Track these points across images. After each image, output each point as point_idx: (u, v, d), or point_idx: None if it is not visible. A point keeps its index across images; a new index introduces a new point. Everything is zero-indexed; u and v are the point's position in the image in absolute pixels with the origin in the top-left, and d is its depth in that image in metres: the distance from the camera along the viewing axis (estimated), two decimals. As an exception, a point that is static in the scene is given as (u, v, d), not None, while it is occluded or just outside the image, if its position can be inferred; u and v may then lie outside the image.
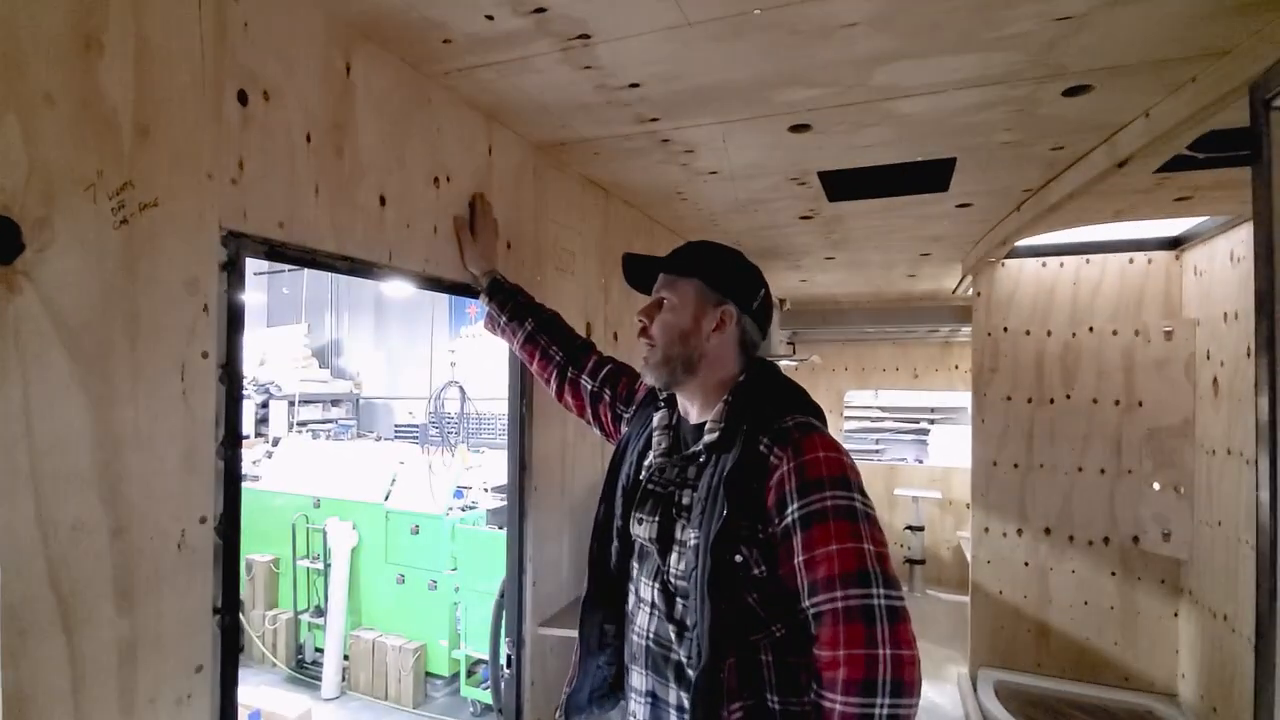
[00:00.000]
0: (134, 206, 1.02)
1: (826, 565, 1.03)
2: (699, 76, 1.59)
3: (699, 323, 1.26)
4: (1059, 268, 3.70)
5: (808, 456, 1.09)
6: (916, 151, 2.13)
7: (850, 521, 1.05)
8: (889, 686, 0.97)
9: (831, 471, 1.08)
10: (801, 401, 1.22)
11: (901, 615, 1.02)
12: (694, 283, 1.28)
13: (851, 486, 1.08)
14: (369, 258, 1.43)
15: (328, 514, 5.87)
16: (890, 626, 1.00)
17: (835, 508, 1.06)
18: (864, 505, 1.08)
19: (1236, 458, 2.84)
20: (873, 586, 1.02)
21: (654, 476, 1.28)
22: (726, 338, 1.26)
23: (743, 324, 1.28)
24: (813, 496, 1.07)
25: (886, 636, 0.99)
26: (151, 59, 1.04)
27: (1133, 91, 1.67)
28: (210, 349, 1.10)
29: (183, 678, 1.07)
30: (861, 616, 1.00)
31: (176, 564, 1.06)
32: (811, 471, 1.08)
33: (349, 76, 1.38)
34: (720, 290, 1.27)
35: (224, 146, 1.14)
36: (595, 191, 2.48)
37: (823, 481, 1.07)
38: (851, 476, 1.09)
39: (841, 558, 1.03)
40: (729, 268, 1.31)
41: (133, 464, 1.00)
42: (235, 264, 1.14)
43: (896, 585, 1.04)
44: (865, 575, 1.02)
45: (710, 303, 1.26)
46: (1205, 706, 3.08)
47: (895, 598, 1.03)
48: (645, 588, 1.26)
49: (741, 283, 1.29)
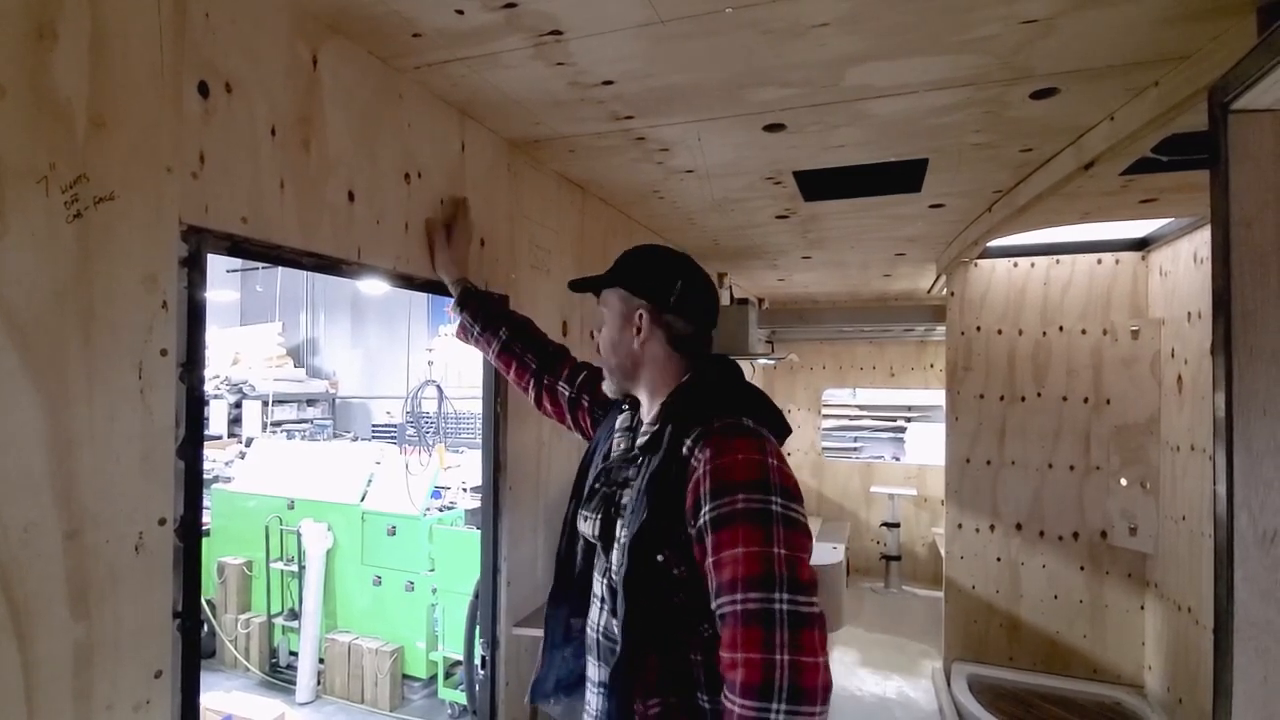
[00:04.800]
0: (88, 200, 0.99)
1: (731, 568, 1.03)
2: (672, 74, 1.59)
3: (624, 331, 1.26)
4: (1030, 268, 3.76)
5: (723, 459, 1.07)
6: (889, 152, 2.15)
7: (759, 525, 1.03)
8: (785, 692, 0.95)
9: (747, 475, 1.06)
10: (741, 402, 1.19)
11: (806, 621, 1.00)
12: (616, 291, 1.29)
13: (769, 489, 1.05)
14: (337, 254, 1.41)
15: (302, 515, 5.79)
16: (791, 632, 0.98)
17: (746, 511, 1.04)
18: (782, 509, 1.05)
19: (1200, 454, 2.91)
20: (775, 590, 1.00)
21: (600, 476, 1.30)
22: (655, 340, 1.25)
23: (663, 322, 1.25)
24: (725, 499, 1.05)
25: (785, 641, 0.98)
26: (108, 49, 1.01)
27: (1098, 95, 1.70)
28: (170, 346, 1.08)
29: (141, 684, 1.05)
30: (760, 621, 0.99)
31: (134, 567, 1.03)
32: (726, 474, 1.06)
33: (315, 69, 1.35)
34: (636, 293, 1.26)
35: (184, 139, 1.11)
36: (571, 190, 2.47)
37: (736, 484, 1.06)
38: (772, 479, 1.06)
39: (746, 561, 1.02)
40: (641, 268, 1.29)
41: (87, 464, 0.98)
42: (196, 260, 1.11)
43: (806, 590, 1.02)
44: (768, 579, 1.00)
45: (631, 309, 1.26)
46: (1171, 697, 3.15)
47: (801, 603, 1.00)
48: (597, 583, 1.29)
49: (654, 280, 1.26)
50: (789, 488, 1.08)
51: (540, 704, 1.39)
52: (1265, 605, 1.21)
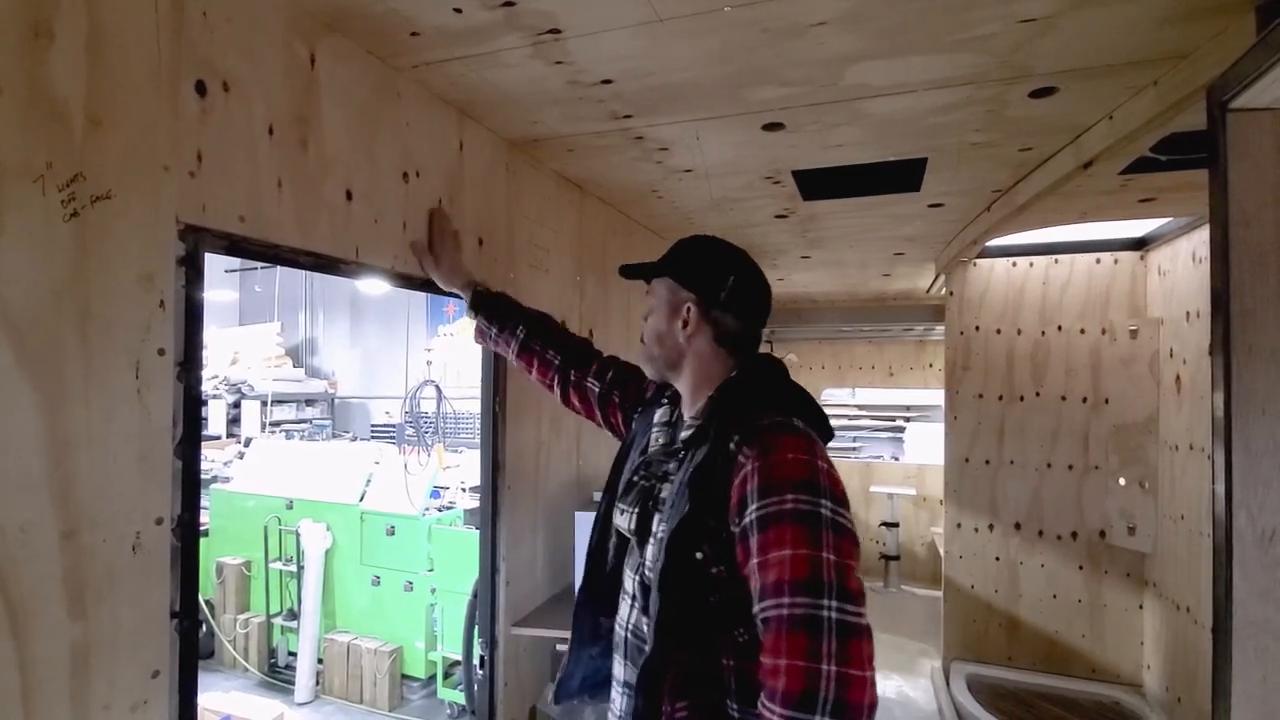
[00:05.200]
0: (85, 199, 0.99)
1: (778, 570, 0.98)
2: (671, 73, 1.58)
3: (671, 323, 1.23)
4: (1029, 268, 3.76)
5: (773, 456, 1.03)
6: (888, 151, 2.15)
7: (809, 527, 0.99)
8: (830, 705, 0.90)
9: (797, 474, 1.02)
10: (790, 401, 1.15)
11: (855, 631, 0.94)
12: (665, 281, 1.26)
13: (819, 491, 1.01)
14: (335, 253, 1.40)
15: (301, 515, 5.78)
16: (839, 641, 0.93)
17: (795, 511, 1.00)
18: (832, 513, 1.00)
19: (1198, 453, 2.90)
20: (824, 597, 0.94)
21: (639, 469, 1.27)
22: (701, 335, 1.21)
23: (712, 317, 1.21)
24: (773, 498, 1.01)
25: (833, 651, 0.92)
26: (104, 48, 1.01)
27: (1097, 94, 1.70)
28: (167, 346, 1.08)
29: (139, 683, 1.05)
30: (806, 627, 0.94)
31: (131, 566, 1.03)
32: (775, 473, 1.02)
33: (313, 68, 1.35)
34: (686, 285, 1.23)
35: (181, 138, 1.11)
36: (570, 189, 2.47)
37: (785, 483, 1.01)
38: (822, 481, 1.02)
39: (794, 563, 0.97)
40: (693, 260, 1.26)
41: (84, 464, 0.98)
42: (193, 259, 1.11)
43: (855, 600, 0.96)
44: (817, 584, 0.95)
45: (679, 301, 1.23)
46: (1170, 697, 3.15)
47: (851, 612, 0.95)
48: (628, 579, 1.25)
49: (705, 274, 1.22)
50: (838, 493, 1.03)
51: (565, 704, 1.35)
52: (1264, 604, 1.21)
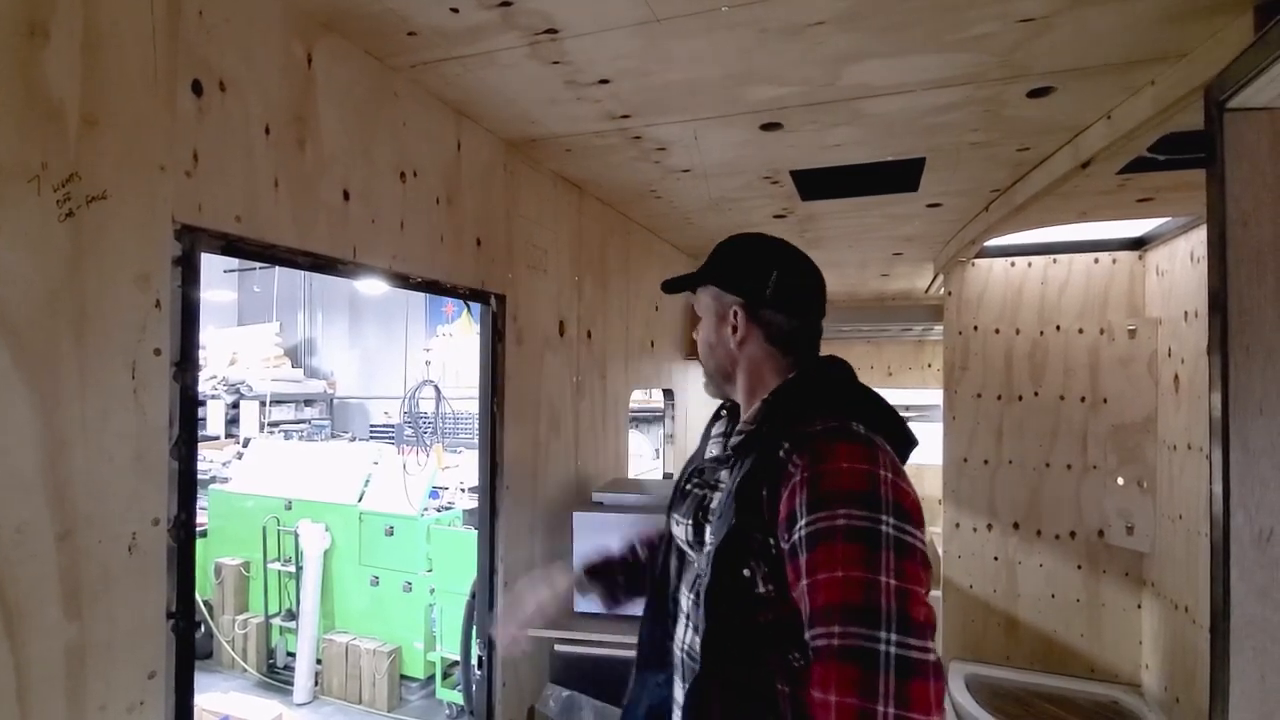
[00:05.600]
0: (80, 199, 0.99)
1: (827, 594, 0.87)
2: (669, 73, 1.58)
3: (720, 331, 1.16)
4: (1027, 267, 3.75)
5: (825, 466, 0.92)
6: (886, 151, 2.15)
7: (865, 546, 0.87)
8: None
9: (852, 485, 0.91)
10: (850, 404, 1.04)
11: (919, 670, 0.82)
12: (709, 289, 1.19)
13: (879, 506, 0.89)
14: (332, 253, 1.40)
15: (299, 516, 5.79)
16: (899, 680, 0.81)
17: (849, 529, 0.88)
18: (895, 530, 0.88)
19: (1196, 453, 2.90)
20: (881, 629, 0.83)
21: (691, 476, 1.21)
22: (753, 338, 1.13)
23: (761, 318, 1.13)
24: (824, 513, 0.90)
25: (891, 691, 0.81)
26: (100, 47, 1.01)
27: (1095, 93, 1.70)
28: (163, 346, 1.07)
29: (135, 684, 1.04)
30: (860, 661, 0.83)
31: (127, 567, 1.03)
32: (826, 484, 0.91)
33: (310, 68, 1.35)
34: (729, 289, 1.15)
35: (177, 138, 1.11)
36: (568, 189, 2.47)
37: (838, 496, 0.90)
38: (884, 493, 0.90)
39: (845, 587, 0.86)
40: (733, 261, 1.18)
41: (80, 464, 0.97)
42: (189, 259, 1.11)
43: (920, 632, 0.84)
44: (873, 613, 0.84)
45: (725, 306, 1.15)
46: (1168, 697, 3.15)
47: (914, 647, 0.83)
48: (684, 597, 1.18)
49: (746, 273, 1.14)
50: (905, 507, 0.91)
51: None
52: (1262, 604, 1.21)
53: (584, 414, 2.61)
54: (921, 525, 0.92)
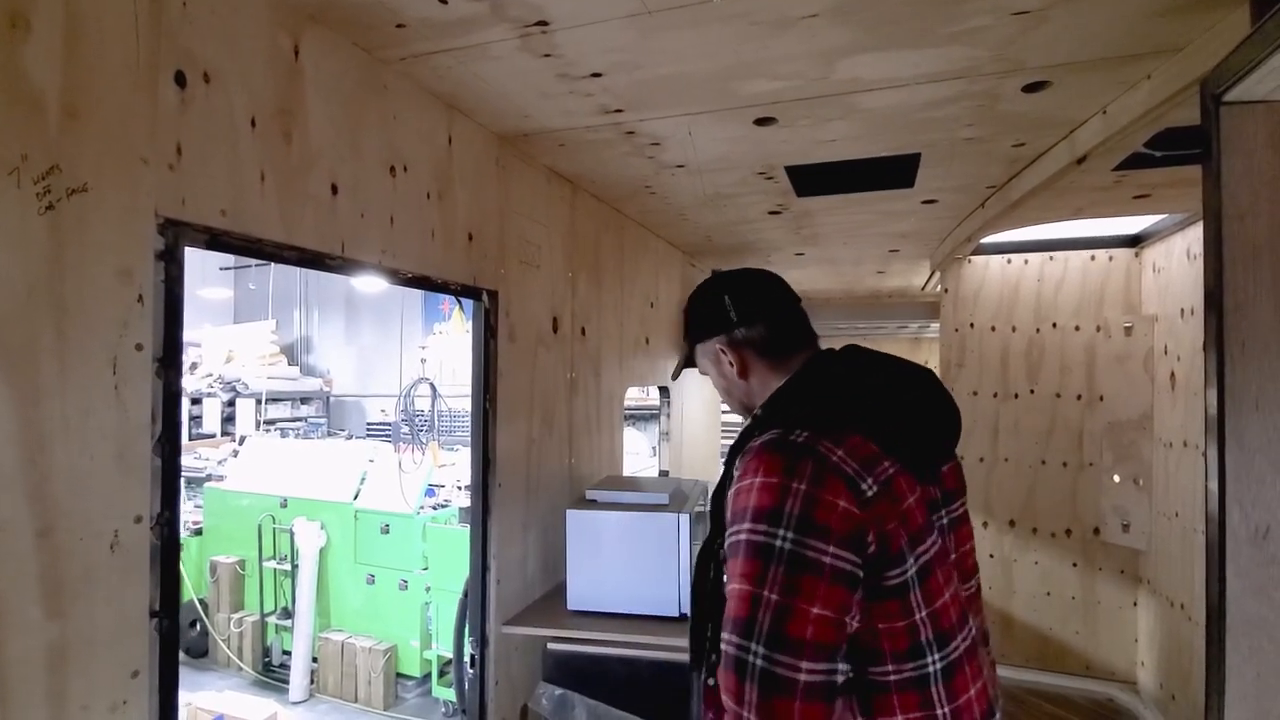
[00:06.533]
0: (61, 191, 0.97)
1: (728, 603, 0.92)
2: (661, 66, 1.57)
3: (722, 373, 1.23)
4: (1023, 264, 3.75)
5: (743, 481, 0.96)
6: (881, 146, 2.13)
7: (759, 560, 0.90)
8: None
9: (759, 501, 0.92)
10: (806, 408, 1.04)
11: (783, 687, 0.84)
12: (697, 348, 1.27)
13: (779, 520, 0.90)
14: (320, 248, 1.38)
15: (295, 514, 5.77)
16: (761, 693, 0.84)
17: (749, 542, 0.91)
18: (792, 544, 0.89)
19: (1192, 450, 2.90)
20: (752, 640, 0.86)
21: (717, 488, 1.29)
22: (749, 360, 1.18)
23: (741, 340, 1.18)
24: (735, 525, 0.95)
25: (754, 701, 0.85)
26: (82, 38, 0.99)
27: (1090, 88, 1.68)
28: (145, 341, 1.06)
29: (117, 683, 1.03)
30: (735, 668, 0.88)
31: (109, 565, 1.01)
32: (740, 499, 0.95)
33: (297, 60, 1.33)
34: (706, 336, 1.23)
35: (160, 130, 1.09)
36: (562, 184, 2.45)
37: (745, 511, 0.94)
38: (789, 508, 0.90)
39: (736, 599, 0.90)
40: (693, 313, 1.26)
41: (60, 461, 0.96)
42: (173, 253, 1.09)
43: (791, 649, 0.85)
44: (749, 626, 0.87)
45: (713, 353, 1.22)
46: (1164, 694, 3.15)
47: (780, 663, 0.85)
48: None
49: (706, 315, 1.22)
50: (813, 519, 0.90)
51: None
52: (1258, 602, 1.20)
53: (578, 411, 2.60)
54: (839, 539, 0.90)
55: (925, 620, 0.95)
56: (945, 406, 1.10)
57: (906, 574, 0.94)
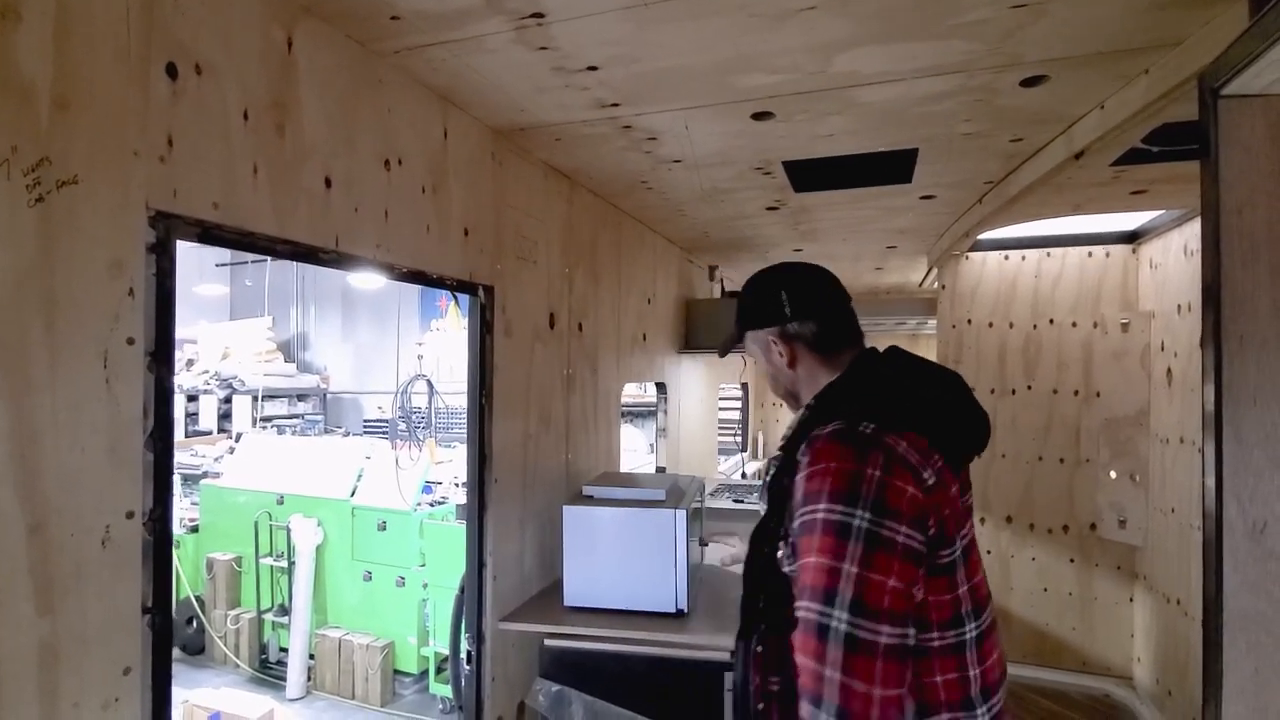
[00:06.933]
0: (51, 184, 0.96)
1: (804, 575, 1.02)
2: (657, 60, 1.56)
3: (772, 364, 1.31)
4: (1021, 261, 3.75)
5: (815, 467, 1.05)
6: (879, 141, 2.13)
7: (837, 537, 1.00)
8: (834, 710, 0.94)
9: (835, 485, 1.02)
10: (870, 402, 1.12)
11: (862, 647, 0.95)
12: (748, 336, 1.34)
13: (856, 502, 1.01)
14: (314, 242, 1.37)
15: (291, 511, 5.75)
16: (845, 653, 0.95)
17: (826, 521, 1.01)
18: (869, 524, 1.00)
19: (1189, 446, 2.90)
20: (835, 608, 0.97)
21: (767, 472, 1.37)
22: (800, 353, 1.26)
23: (792, 334, 1.26)
24: (808, 507, 1.04)
25: (837, 660, 0.95)
26: (72, 30, 0.98)
27: (1088, 83, 1.68)
28: (136, 335, 1.05)
29: (110, 681, 1.02)
30: (816, 632, 0.98)
31: (101, 561, 1.01)
32: (812, 482, 1.05)
33: (290, 52, 1.32)
34: (759, 325, 1.30)
35: (151, 122, 1.08)
36: (558, 179, 2.44)
37: (820, 493, 1.03)
38: (864, 491, 1.01)
39: (815, 571, 1.00)
40: (748, 304, 1.33)
41: (50, 456, 0.95)
42: (164, 245, 1.08)
43: (874, 617, 0.96)
44: (831, 594, 0.98)
45: (765, 343, 1.30)
46: (1160, 689, 3.16)
47: (862, 627, 0.96)
48: None
49: (762, 307, 1.29)
50: (890, 503, 1.01)
51: None
52: (1255, 597, 1.20)
53: (575, 407, 2.59)
54: (908, 521, 1.01)
55: (965, 595, 1.09)
56: (978, 409, 1.20)
57: (954, 554, 1.08)
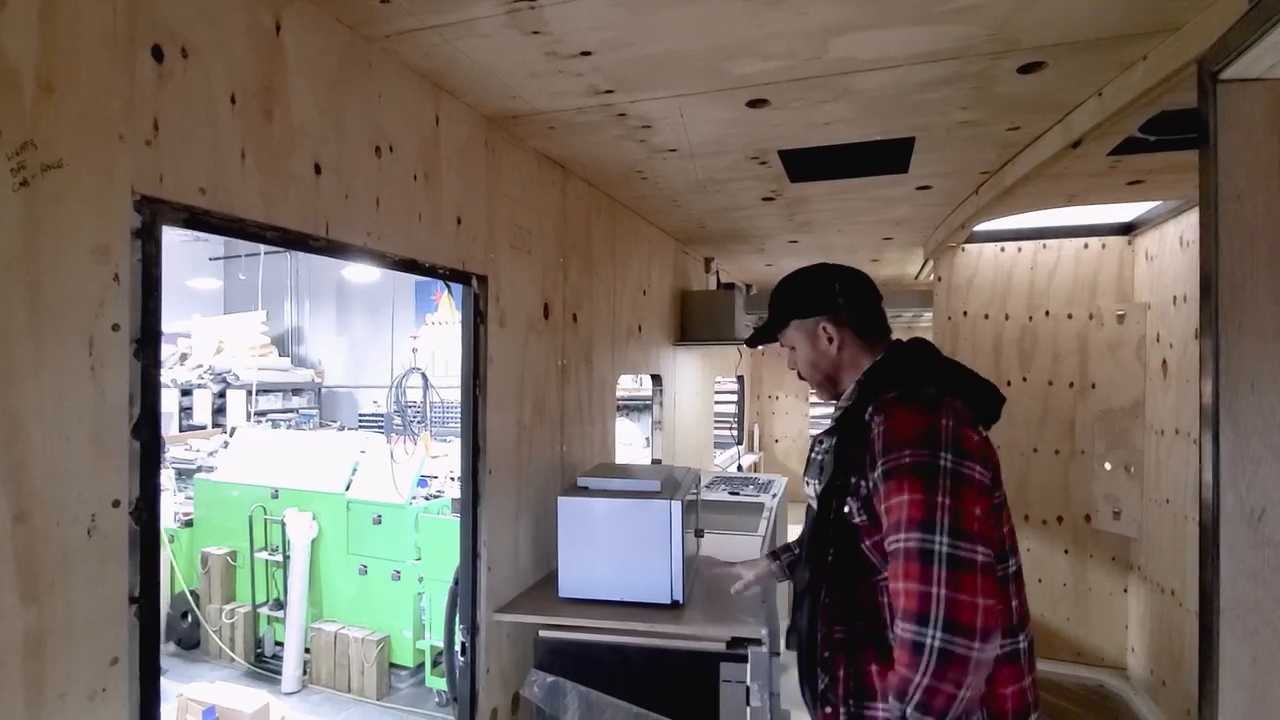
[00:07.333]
0: (36, 168, 0.95)
1: (897, 512, 1.16)
2: (651, 44, 1.54)
3: (816, 347, 1.47)
4: (1017, 252, 3.74)
5: (894, 420, 1.21)
6: (875, 130, 2.11)
7: (924, 477, 1.14)
8: (941, 622, 1.07)
9: (915, 432, 1.18)
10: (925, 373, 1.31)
11: (966, 564, 1.09)
12: (792, 325, 1.50)
13: (937, 444, 1.16)
14: (303, 229, 1.35)
15: (286, 505, 5.74)
16: (950, 571, 1.09)
17: (913, 464, 1.16)
18: (953, 464, 1.15)
19: (1184, 437, 2.91)
20: (935, 534, 1.11)
21: (814, 447, 1.52)
22: (847, 339, 1.44)
23: (845, 321, 1.44)
24: (893, 454, 1.18)
25: (943, 578, 1.09)
26: (57, 11, 0.97)
27: (1086, 69, 1.67)
28: (122, 321, 1.03)
29: (96, 671, 1.01)
30: (919, 557, 1.11)
31: (87, 550, 0.99)
32: (895, 433, 1.20)
33: (279, 36, 1.30)
34: (809, 313, 1.46)
35: (137, 106, 1.06)
36: (552, 168, 2.42)
37: (904, 441, 1.18)
38: (944, 436, 1.17)
39: (910, 506, 1.14)
40: (800, 295, 1.49)
41: (35, 444, 0.94)
42: (150, 231, 1.06)
43: (968, 538, 1.11)
44: (929, 523, 1.12)
45: (812, 329, 1.46)
46: (1154, 680, 3.17)
47: (962, 548, 1.10)
48: None
49: (817, 294, 1.46)
50: (965, 446, 1.17)
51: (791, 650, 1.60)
52: (1253, 585, 1.19)
53: (570, 398, 2.58)
54: (984, 462, 1.19)
55: (1006, 535, 1.27)
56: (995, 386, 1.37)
57: (1001, 498, 1.26)
